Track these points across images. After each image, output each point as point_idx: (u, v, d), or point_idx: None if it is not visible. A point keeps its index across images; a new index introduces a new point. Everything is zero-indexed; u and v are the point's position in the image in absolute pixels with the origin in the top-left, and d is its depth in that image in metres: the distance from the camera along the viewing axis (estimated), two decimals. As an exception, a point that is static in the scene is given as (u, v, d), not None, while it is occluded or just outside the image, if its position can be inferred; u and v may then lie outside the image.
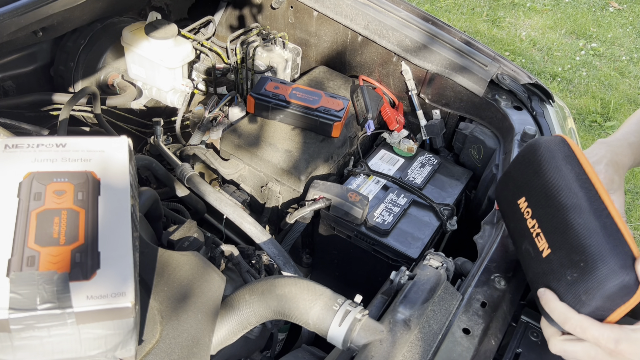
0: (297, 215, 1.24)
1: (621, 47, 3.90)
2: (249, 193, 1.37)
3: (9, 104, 1.36)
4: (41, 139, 0.75)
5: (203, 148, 1.39)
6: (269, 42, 1.60)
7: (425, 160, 1.43)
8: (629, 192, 2.84)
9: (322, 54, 1.66)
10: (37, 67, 1.48)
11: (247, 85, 1.61)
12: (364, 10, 1.49)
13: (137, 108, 1.62)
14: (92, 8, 1.39)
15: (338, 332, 0.79)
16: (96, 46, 1.50)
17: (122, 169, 0.75)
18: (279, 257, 1.15)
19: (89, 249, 0.65)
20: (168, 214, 1.17)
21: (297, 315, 0.83)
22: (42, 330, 0.60)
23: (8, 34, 1.09)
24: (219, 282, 0.86)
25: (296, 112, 1.32)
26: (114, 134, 1.41)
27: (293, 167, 1.27)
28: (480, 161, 1.42)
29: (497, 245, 0.98)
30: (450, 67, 1.41)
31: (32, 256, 0.62)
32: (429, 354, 0.78)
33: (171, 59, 1.48)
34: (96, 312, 0.61)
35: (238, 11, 1.78)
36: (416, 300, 0.84)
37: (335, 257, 1.35)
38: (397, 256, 1.19)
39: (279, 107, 1.33)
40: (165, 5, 1.73)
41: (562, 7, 4.30)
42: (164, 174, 1.26)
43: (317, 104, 1.32)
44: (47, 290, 0.60)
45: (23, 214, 0.66)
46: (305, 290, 0.83)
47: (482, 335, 0.82)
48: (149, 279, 0.80)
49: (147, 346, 0.74)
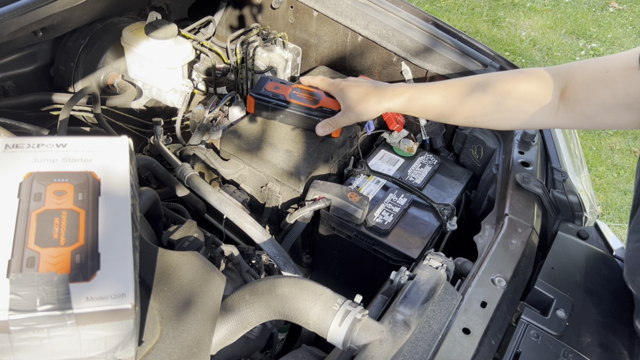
0: (297, 215, 1.24)
1: (621, 47, 3.90)
2: (249, 193, 1.37)
3: (9, 104, 1.36)
4: (41, 139, 0.75)
5: (203, 148, 1.39)
6: (269, 42, 1.60)
7: (425, 160, 1.43)
8: (629, 192, 2.85)
9: (322, 54, 1.66)
10: (37, 67, 1.48)
11: (247, 85, 1.61)
12: (364, 11, 1.49)
13: (137, 108, 1.62)
14: (92, 8, 1.39)
15: (338, 332, 0.79)
16: (96, 46, 1.50)
17: (122, 170, 0.75)
18: (279, 257, 1.15)
19: (89, 250, 0.65)
20: (168, 214, 1.17)
21: (297, 315, 0.83)
22: (42, 332, 0.60)
23: (8, 34, 1.09)
24: (219, 282, 0.86)
25: (296, 112, 1.32)
26: (114, 134, 1.41)
27: (293, 167, 1.27)
28: (480, 161, 1.42)
29: (497, 245, 0.98)
30: (450, 67, 1.41)
31: (32, 257, 0.62)
32: (429, 354, 0.78)
33: (171, 59, 1.48)
34: (96, 313, 0.61)
35: (238, 11, 1.78)
36: (416, 300, 0.84)
37: (335, 257, 1.35)
38: (397, 256, 1.19)
39: (279, 107, 1.33)
40: (165, 5, 1.73)
41: (562, 7, 4.30)
42: (164, 174, 1.26)
43: (317, 104, 1.32)
44: (47, 292, 0.60)
45: (23, 214, 0.66)
46: (305, 290, 0.83)
47: (482, 335, 0.82)
48: (149, 279, 0.80)
49: (147, 346, 0.74)
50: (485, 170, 1.38)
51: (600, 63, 0.87)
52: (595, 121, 0.89)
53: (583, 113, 0.89)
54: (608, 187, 2.87)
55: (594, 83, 0.86)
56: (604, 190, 2.86)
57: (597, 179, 2.93)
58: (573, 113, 0.91)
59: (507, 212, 1.06)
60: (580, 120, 0.91)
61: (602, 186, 2.88)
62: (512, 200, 1.09)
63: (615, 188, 2.87)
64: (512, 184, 1.13)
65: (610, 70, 0.85)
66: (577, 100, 0.89)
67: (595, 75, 0.87)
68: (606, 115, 0.86)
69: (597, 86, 0.86)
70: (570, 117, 0.92)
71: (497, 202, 1.15)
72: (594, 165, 2.97)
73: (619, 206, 2.77)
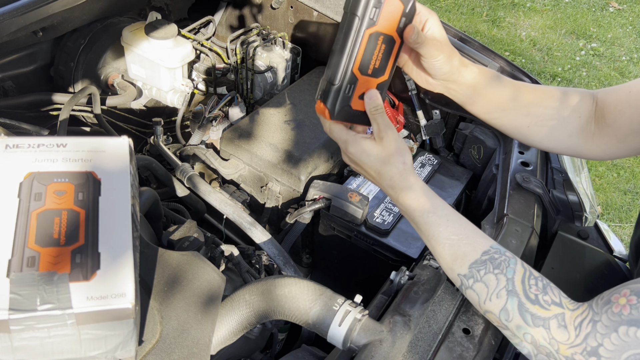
0: (297, 215, 1.24)
1: (621, 47, 3.90)
2: (249, 193, 1.37)
3: (9, 104, 1.36)
4: (42, 139, 0.75)
5: (203, 148, 1.39)
6: (269, 42, 1.60)
7: (425, 160, 1.43)
8: (629, 192, 2.85)
9: (322, 54, 1.66)
10: (37, 67, 1.48)
11: (247, 85, 1.61)
12: (364, 10, 1.49)
13: (137, 108, 1.62)
14: (92, 8, 1.39)
15: (338, 332, 0.79)
16: (96, 46, 1.50)
17: (122, 170, 0.75)
18: (279, 257, 1.15)
19: (89, 249, 0.65)
20: (168, 214, 1.17)
21: (297, 315, 0.83)
22: (42, 331, 0.60)
23: (8, 34, 1.09)
24: (219, 282, 0.86)
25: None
26: (114, 134, 1.41)
27: (293, 167, 1.27)
28: (480, 161, 1.42)
29: (497, 245, 0.98)
30: (450, 67, 1.40)
31: (32, 257, 0.62)
32: (429, 354, 0.78)
33: (171, 59, 1.48)
34: (96, 313, 0.61)
35: (238, 11, 1.78)
36: (416, 300, 0.84)
37: (335, 257, 1.35)
38: (397, 256, 1.19)
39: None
40: (165, 5, 1.73)
41: (562, 7, 4.30)
42: (164, 174, 1.26)
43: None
44: (47, 291, 0.60)
45: (23, 214, 0.66)
46: (305, 290, 0.83)
47: (482, 335, 0.82)
48: (149, 279, 0.80)
49: (147, 346, 0.74)
50: (485, 170, 1.38)
51: (625, 85, 0.89)
52: (627, 144, 0.88)
53: (615, 137, 0.89)
54: (608, 187, 2.87)
55: (620, 104, 0.88)
56: (604, 190, 2.86)
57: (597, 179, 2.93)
58: (606, 138, 0.91)
59: (507, 212, 1.05)
60: (613, 145, 0.90)
61: (602, 186, 2.88)
62: (512, 200, 1.09)
63: (615, 188, 2.87)
64: (512, 184, 1.13)
65: (633, 91, 0.87)
66: (607, 124, 0.89)
67: (620, 97, 0.88)
68: (637, 137, 0.87)
69: (623, 107, 0.87)
70: (604, 143, 0.91)
71: (497, 202, 1.15)
72: (594, 165, 2.97)
73: (619, 206, 2.77)
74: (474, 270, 0.76)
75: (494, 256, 0.75)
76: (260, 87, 1.60)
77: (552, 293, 0.72)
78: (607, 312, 0.66)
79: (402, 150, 0.79)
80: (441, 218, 0.78)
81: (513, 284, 0.73)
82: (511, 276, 0.74)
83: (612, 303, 0.66)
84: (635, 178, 2.92)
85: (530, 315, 0.71)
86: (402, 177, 0.79)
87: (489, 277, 0.75)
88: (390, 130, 0.80)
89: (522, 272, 0.74)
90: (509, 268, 0.74)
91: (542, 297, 0.72)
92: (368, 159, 0.80)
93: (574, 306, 0.71)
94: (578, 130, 0.93)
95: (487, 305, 0.76)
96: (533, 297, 0.72)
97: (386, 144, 0.79)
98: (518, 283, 0.73)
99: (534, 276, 0.74)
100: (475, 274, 0.76)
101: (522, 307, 0.72)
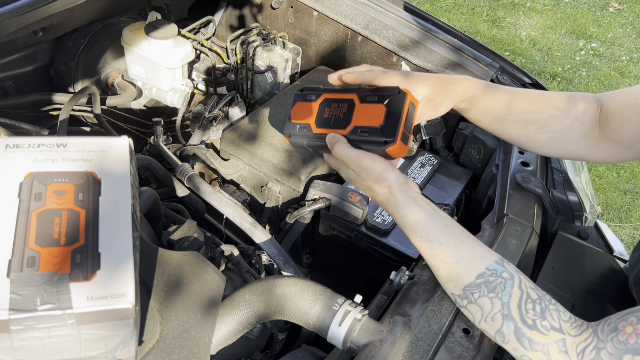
0: (297, 215, 1.24)
1: (621, 47, 3.90)
2: (249, 193, 1.37)
3: (9, 104, 1.36)
4: (42, 139, 0.75)
5: (203, 148, 1.39)
6: (269, 42, 1.60)
7: (425, 160, 1.43)
8: (629, 192, 2.85)
9: (322, 54, 1.66)
10: (37, 67, 1.48)
11: (247, 85, 1.61)
12: (363, 10, 1.49)
13: (137, 108, 1.62)
14: (92, 8, 1.39)
15: (338, 332, 0.79)
16: (96, 46, 1.50)
17: (122, 169, 0.75)
18: (279, 257, 1.15)
19: (90, 249, 0.65)
20: (168, 214, 1.17)
21: (297, 315, 0.83)
22: (42, 331, 0.60)
23: (8, 34, 1.09)
24: (219, 282, 0.86)
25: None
26: (114, 134, 1.41)
27: (293, 167, 1.27)
28: (480, 161, 1.42)
29: (497, 245, 0.98)
30: (450, 67, 1.41)
31: (32, 257, 0.62)
32: (429, 354, 0.78)
33: (171, 59, 1.48)
34: (96, 313, 0.61)
35: (238, 11, 1.78)
36: (416, 300, 0.84)
37: (335, 257, 1.35)
38: (397, 256, 1.19)
39: (312, 146, 0.92)
40: (165, 5, 1.73)
41: (562, 7, 4.30)
42: (164, 174, 1.26)
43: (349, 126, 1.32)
44: (47, 291, 0.60)
45: (23, 214, 0.66)
46: (305, 290, 0.83)
47: (482, 335, 0.82)
48: (149, 279, 0.80)
49: (147, 346, 0.74)
50: (485, 170, 1.38)
51: (630, 90, 0.88)
52: (633, 150, 0.87)
53: (620, 143, 0.88)
54: (608, 187, 2.87)
55: (625, 111, 0.86)
56: (604, 190, 2.86)
57: (597, 179, 2.93)
58: (611, 143, 0.90)
59: (507, 212, 1.05)
60: (618, 150, 0.89)
61: (602, 186, 2.88)
62: (512, 200, 1.09)
63: (615, 188, 2.87)
64: (512, 184, 1.13)
65: (639, 97, 0.85)
66: (612, 130, 0.88)
67: (626, 103, 0.87)
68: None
69: (628, 114, 0.86)
70: (609, 148, 0.90)
71: (497, 202, 1.15)
72: (594, 165, 2.97)
73: (619, 206, 2.77)
74: (468, 293, 0.75)
75: (489, 279, 0.74)
76: (260, 87, 1.60)
77: (551, 317, 0.70)
78: (613, 340, 0.65)
79: (383, 173, 0.80)
80: (433, 242, 0.78)
81: (509, 308, 0.72)
82: (507, 300, 0.72)
83: (619, 331, 0.65)
84: (635, 178, 2.92)
85: (527, 340, 0.70)
86: (389, 201, 0.80)
87: (483, 301, 0.74)
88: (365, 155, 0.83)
89: (519, 296, 0.72)
90: (505, 292, 0.73)
91: (540, 322, 0.70)
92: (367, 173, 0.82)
93: (575, 331, 0.69)
94: (581, 137, 0.92)
95: (482, 326, 0.75)
96: (530, 322, 0.70)
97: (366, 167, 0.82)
98: (514, 307, 0.72)
99: (532, 299, 0.72)
100: (469, 296, 0.75)
101: (519, 332, 0.70)
